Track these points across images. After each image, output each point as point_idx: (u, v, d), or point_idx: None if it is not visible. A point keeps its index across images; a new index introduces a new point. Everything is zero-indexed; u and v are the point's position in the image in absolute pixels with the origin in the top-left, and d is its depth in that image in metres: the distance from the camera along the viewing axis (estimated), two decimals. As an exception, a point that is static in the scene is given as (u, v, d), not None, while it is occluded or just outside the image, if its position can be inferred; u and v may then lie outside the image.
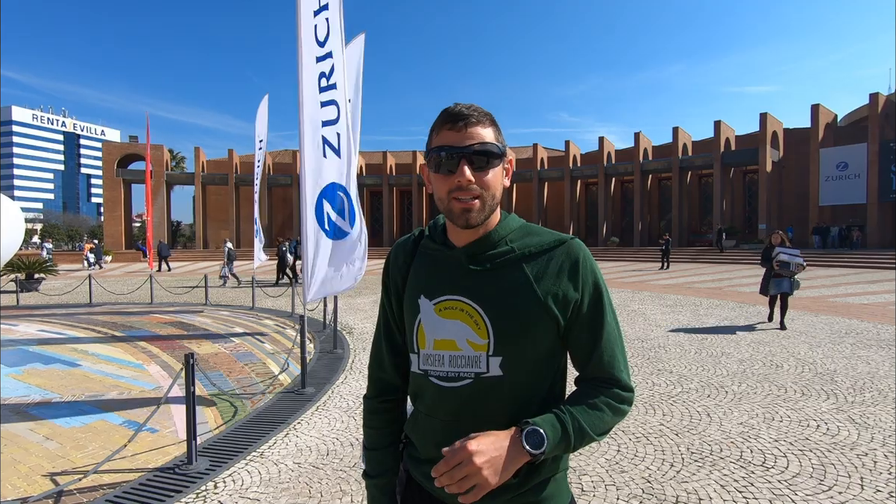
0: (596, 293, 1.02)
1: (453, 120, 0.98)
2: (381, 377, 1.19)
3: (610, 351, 1.01)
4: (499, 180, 1.01)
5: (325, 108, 5.29)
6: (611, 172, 34.37)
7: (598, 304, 1.02)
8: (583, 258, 1.02)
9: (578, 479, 3.08)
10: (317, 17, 5.16)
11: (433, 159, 0.99)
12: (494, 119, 1.02)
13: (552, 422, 0.92)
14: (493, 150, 0.98)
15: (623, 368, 1.02)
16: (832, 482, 3.00)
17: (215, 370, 5.87)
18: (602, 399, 0.98)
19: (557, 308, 0.99)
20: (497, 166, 1.00)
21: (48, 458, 3.50)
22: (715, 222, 29.87)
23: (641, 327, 8.20)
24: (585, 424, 0.94)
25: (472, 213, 0.98)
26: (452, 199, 0.98)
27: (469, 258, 1.03)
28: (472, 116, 0.98)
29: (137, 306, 11.72)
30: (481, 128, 0.98)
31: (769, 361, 5.88)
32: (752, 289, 13.67)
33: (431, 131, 1.02)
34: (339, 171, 5.50)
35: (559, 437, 0.92)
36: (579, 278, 1.01)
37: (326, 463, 3.40)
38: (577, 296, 1.00)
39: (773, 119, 28.15)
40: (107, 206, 36.76)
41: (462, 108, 0.99)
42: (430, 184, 1.04)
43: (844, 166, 26.12)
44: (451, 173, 0.97)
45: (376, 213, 40.15)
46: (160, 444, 3.74)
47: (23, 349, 7.03)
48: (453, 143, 0.97)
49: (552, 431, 0.91)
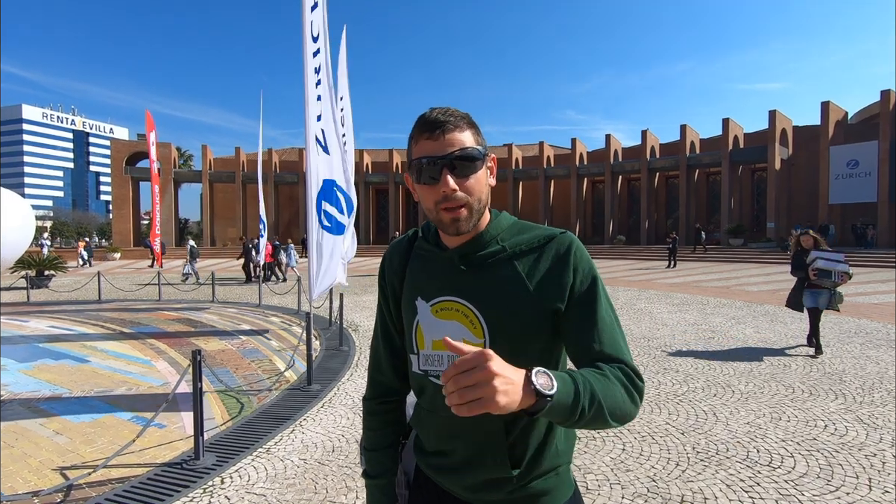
0: (589, 280, 1.00)
1: (430, 128, 0.96)
2: (379, 379, 1.20)
3: (610, 335, 0.96)
4: (483, 183, 0.99)
5: (318, 104, 5.34)
6: (617, 170, 34.18)
7: (592, 291, 0.99)
8: (573, 248, 1.01)
9: (583, 478, 3.08)
10: (313, 12, 5.21)
11: (415, 169, 0.98)
12: (472, 120, 1.00)
13: (562, 376, 0.82)
14: (474, 155, 0.96)
15: (627, 352, 0.97)
16: (840, 483, 2.98)
17: (222, 367, 5.91)
18: (612, 373, 0.90)
19: (551, 301, 0.98)
20: (480, 169, 0.98)
21: (58, 453, 3.55)
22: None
23: (648, 326, 8.16)
24: (597, 390, 0.84)
25: (461, 222, 0.97)
26: (441, 209, 0.97)
27: (461, 259, 1.03)
28: (449, 122, 0.96)
29: (145, 303, 11.82)
30: (459, 133, 0.96)
31: (776, 361, 5.83)
32: (759, 288, 13.58)
33: (410, 140, 1.01)
34: (330, 167, 5.53)
35: (569, 389, 0.80)
36: (570, 267, 0.99)
37: (332, 459, 3.42)
38: (570, 282, 0.98)
39: (782, 116, 27.88)
40: (115, 203, 37.07)
41: (437, 114, 0.96)
42: (416, 193, 1.02)
43: (855, 164, 25.80)
44: (435, 181, 0.96)
45: (382, 210, 40.22)
46: (168, 440, 3.77)
47: (33, 345, 7.12)
48: (432, 153, 0.95)
49: (560, 381, 0.79)
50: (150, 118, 12.99)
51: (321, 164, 5.37)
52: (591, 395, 0.82)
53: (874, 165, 25.13)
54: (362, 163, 37.70)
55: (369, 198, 39.00)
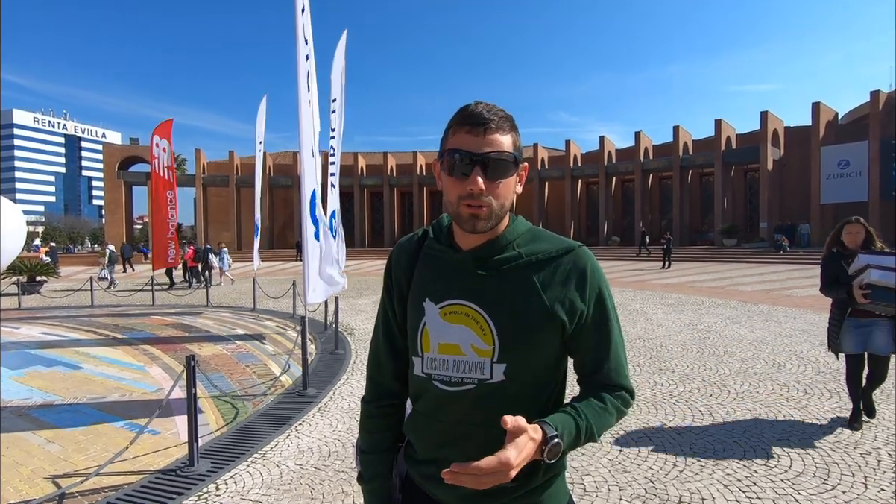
0: (602, 303, 1.02)
1: (473, 122, 0.93)
2: (379, 381, 1.17)
3: (616, 360, 1.02)
4: (511, 189, 0.98)
5: (309, 109, 5.33)
6: (611, 172, 34.33)
7: (604, 314, 1.02)
8: (591, 268, 1.01)
9: (581, 480, 3.07)
10: (303, 15, 5.21)
11: (447, 161, 0.96)
12: (514, 123, 0.98)
13: (570, 428, 0.90)
14: (509, 160, 0.95)
15: (627, 375, 1.03)
16: (836, 481, 2.99)
17: (217, 372, 5.87)
18: (611, 404, 0.99)
19: (564, 316, 0.98)
20: (511, 175, 0.97)
21: (50, 461, 3.50)
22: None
23: (643, 327, 8.18)
24: (595, 428, 0.95)
25: (480, 220, 0.95)
26: (462, 204, 0.95)
27: (476, 262, 1.01)
28: (493, 122, 0.93)
29: (138, 308, 11.73)
30: (500, 134, 0.94)
31: (772, 360, 5.86)
32: (753, 287, 13.66)
33: (448, 129, 0.98)
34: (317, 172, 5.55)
35: (570, 442, 0.91)
36: (587, 288, 1.00)
37: (328, 464, 3.40)
38: (584, 306, 1.00)
39: (773, 117, 28.11)
40: (108, 208, 36.84)
41: (483, 109, 0.94)
42: (441, 182, 1.00)
43: (846, 164, 26.04)
44: (465, 177, 0.93)
45: (377, 213, 40.12)
46: (162, 447, 3.73)
47: (25, 352, 7.04)
48: (469, 148, 0.93)
49: (568, 438, 0.89)
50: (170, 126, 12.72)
51: (314, 169, 5.38)
52: (589, 435, 0.94)
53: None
54: (356, 165, 37.64)
55: (364, 201, 38.91)
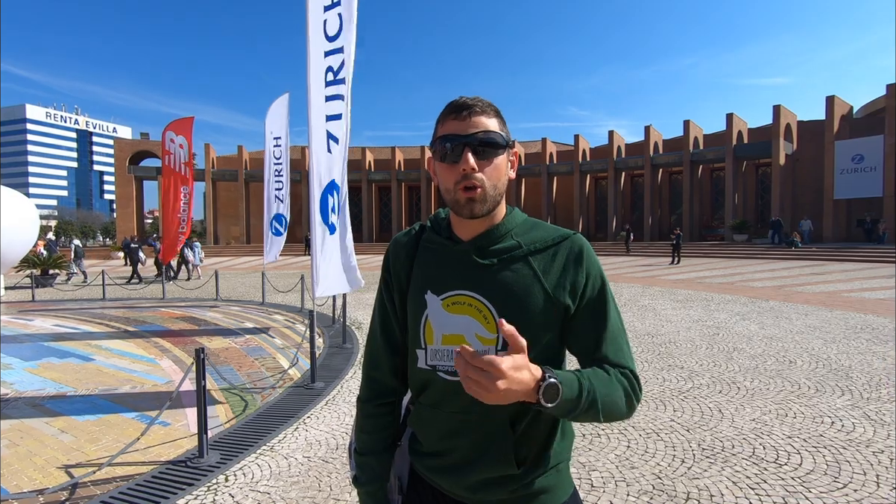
0: (599, 284, 1.03)
1: (457, 110, 0.99)
2: (376, 377, 1.16)
3: (616, 340, 1.01)
4: (502, 171, 1.01)
5: (330, 103, 5.28)
6: (621, 167, 34.02)
7: (602, 295, 1.03)
8: (586, 250, 1.04)
9: (588, 475, 3.07)
10: (327, 12, 5.15)
11: (438, 149, 1.00)
12: (499, 111, 1.03)
13: (570, 381, 0.87)
14: (497, 140, 0.98)
15: (630, 358, 1.01)
16: (847, 479, 2.95)
17: (226, 364, 5.92)
18: (616, 378, 0.96)
19: (566, 299, 1.00)
20: (501, 156, 1.00)
21: (63, 451, 3.56)
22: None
23: (652, 322, 8.12)
24: (597, 392, 0.90)
25: (476, 203, 0.98)
26: (459, 189, 0.98)
27: (476, 252, 1.03)
28: (477, 106, 0.99)
29: (150, 301, 11.86)
30: (485, 117, 0.99)
31: (782, 357, 5.80)
32: (763, 283, 13.52)
33: (437, 123, 1.04)
34: (337, 167, 5.49)
35: (572, 397, 0.86)
36: (583, 269, 1.02)
37: (336, 457, 3.42)
38: (582, 283, 1.01)
39: (786, 111, 27.69)
40: (119, 202, 37.20)
41: (466, 98, 1.00)
42: (436, 176, 1.04)
43: (860, 159, 25.59)
44: (456, 162, 0.98)
45: (385, 208, 40.18)
46: (172, 438, 3.78)
47: (38, 344, 7.15)
48: (457, 132, 0.98)
49: (566, 389, 0.85)
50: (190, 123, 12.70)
51: (326, 163, 5.34)
52: (592, 402, 0.89)
53: (879, 160, 24.92)
54: (364, 160, 37.65)
55: (372, 195, 38.95)
